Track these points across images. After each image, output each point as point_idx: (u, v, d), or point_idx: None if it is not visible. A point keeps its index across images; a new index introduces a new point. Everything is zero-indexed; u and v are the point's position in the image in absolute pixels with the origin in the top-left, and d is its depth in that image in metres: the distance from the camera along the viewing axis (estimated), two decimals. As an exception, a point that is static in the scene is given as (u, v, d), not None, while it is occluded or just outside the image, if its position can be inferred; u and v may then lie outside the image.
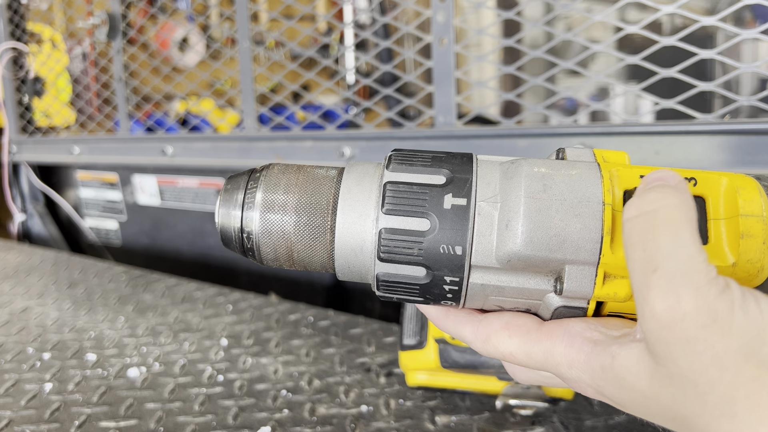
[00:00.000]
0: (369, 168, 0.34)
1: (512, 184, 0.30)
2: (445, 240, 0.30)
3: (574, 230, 0.28)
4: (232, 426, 0.55)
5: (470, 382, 0.56)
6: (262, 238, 0.34)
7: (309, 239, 0.33)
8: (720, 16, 0.64)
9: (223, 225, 0.35)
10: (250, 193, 0.34)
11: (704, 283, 0.25)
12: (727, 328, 0.24)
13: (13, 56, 1.42)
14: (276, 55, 1.10)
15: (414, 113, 1.61)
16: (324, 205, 0.33)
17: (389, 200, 0.31)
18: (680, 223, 0.26)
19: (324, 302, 1.11)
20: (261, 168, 0.35)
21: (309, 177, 0.34)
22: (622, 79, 1.55)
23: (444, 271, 0.30)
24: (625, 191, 0.29)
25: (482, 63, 0.85)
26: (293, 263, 0.35)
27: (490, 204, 0.30)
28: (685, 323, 0.24)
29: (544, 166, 0.30)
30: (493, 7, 0.92)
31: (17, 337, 0.78)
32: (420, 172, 0.31)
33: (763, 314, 0.24)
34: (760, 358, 0.23)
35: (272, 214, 0.33)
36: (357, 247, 0.32)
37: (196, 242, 1.26)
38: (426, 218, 0.30)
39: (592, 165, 0.30)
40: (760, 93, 0.63)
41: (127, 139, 1.24)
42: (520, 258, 0.29)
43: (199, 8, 1.92)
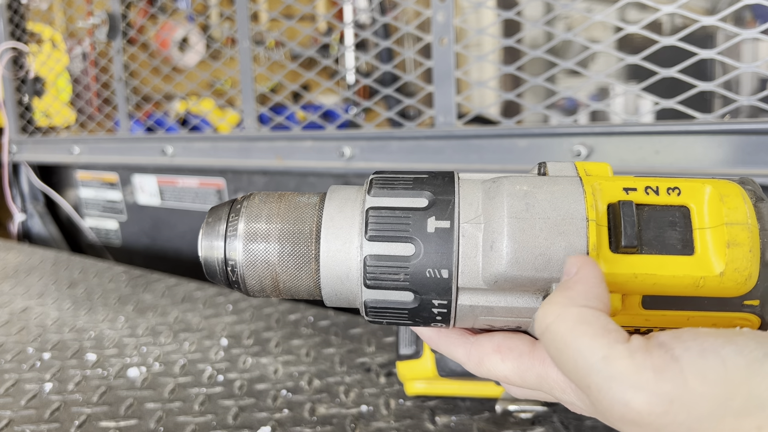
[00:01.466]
0: (350, 193, 0.33)
1: (495, 204, 0.30)
2: (431, 264, 0.30)
3: (559, 248, 0.28)
4: (232, 426, 0.55)
5: (468, 388, 0.56)
6: (246, 270, 0.33)
7: (294, 269, 0.33)
8: (720, 16, 0.64)
9: (207, 257, 0.34)
10: (232, 223, 0.34)
11: (637, 375, 0.24)
12: (687, 403, 0.23)
13: (13, 56, 1.42)
14: (276, 55, 1.10)
15: (414, 113, 1.61)
16: (307, 234, 0.33)
17: (372, 226, 0.30)
18: (576, 333, 0.25)
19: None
20: (242, 198, 0.35)
21: (290, 205, 0.34)
22: (622, 79, 1.55)
23: (431, 294, 0.30)
24: (609, 205, 0.29)
25: (482, 63, 0.85)
26: (279, 293, 0.34)
27: (474, 225, 0.30)
28: (645, 420, 0.24)
29: (526, 183, 0.30)
30: (493, 7, 0.92)
31: (17, 337, 0.78)
32: (402, 196, 0.31)
33: (723, 367, 0.23)
34: (734, 412, 0.23)
35: (255, 243, 0.33)
36: (343, 275, 0.32)
37: (196, 242, 1.26)
38: (410, 243, 0.30)
39: (574, 180, 0.30)
40: (760, 93, 0.63)
41: (127, 139, 1.24)
42: (506, 279, 0.29)
43: (199, 8, 1.92)
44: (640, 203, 0.29)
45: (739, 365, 0.23)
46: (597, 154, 0.72)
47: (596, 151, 0.72)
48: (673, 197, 0.29)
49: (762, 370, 0.23)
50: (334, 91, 1.10)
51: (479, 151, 0.81)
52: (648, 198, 0.29)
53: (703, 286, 0.28)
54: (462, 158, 0.82)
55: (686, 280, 0.28)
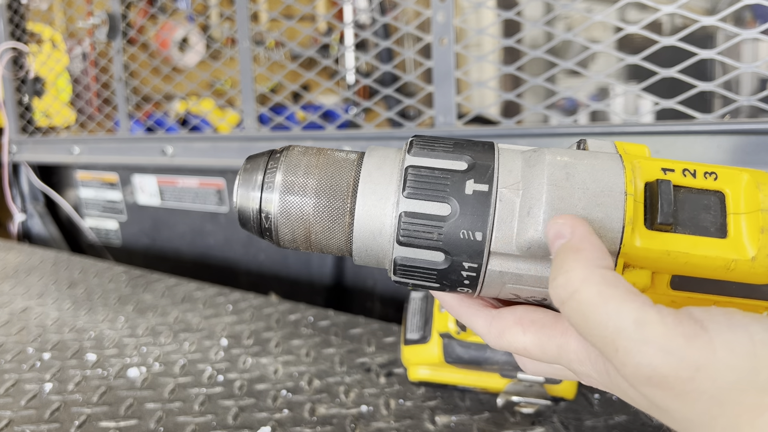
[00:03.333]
0: (389, 153, 0.34)
1: (535, 171, 0.30)
2: (466, 225, 0.30)
3: (595, 219, 0.28)
4: (232, 426, 0.55)
5: (473, 378, 0.56)
6: (280, 220, 0.33)
7: (328, 222, 0.33)
8: (720, 16, 0.64)
9: (242, 205, 0.34)
10: (270, 173, 0.34)
11: (667, 340, 0.24)
12: (713, 372, 0.23)
13: (13, 56, 1.42)
14: (276, 55, 1.10)
15: (414, 113, 1.61)
16: (344, 188, 0.33)
17: (410, 184, 0.30)
18: (605, 296, 0.25)
19: (324, 302, 1.11)
20: (281, 149, 0.35)
21: (329, 160, 0.34)
22: (622, 79, 1.55)
23: (463, 256, 0.30)
24: (646, 183, 0.29)
25: (482, 63, 0.85)
26: (310, 245, 0.34)
27: (512, 191, 0.30)
28: (670, 384, 0.24)
29: (567, 155, 0.30)
30: (493, 7, 0.92)
31: (17, 337, 0.78)
32: (442, 158, 0.31)
33: (750, 341, 0.24)
34: (758, 386, 0.23)
35: (292, 196, 0.33)
36: (376, 231, 0.32)
37: (196, 242, 1.26)
38: (447, 203, 0.30)
39: (614, 156, 0.30)
40: (760, 93, 0.63)
41: (127, 139, 1.24)
42: (540, 246, 0.29)
43: (199, 8, 1.92)
44: (677, 185, 0.29)
45: (765, 342, 0.24)
46: (597, 154, 0.72)
47: (596, 151, 0.72)
48: (710, 181, 0.29)
49: None
50: (334, 91, 1.10)
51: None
52: (685, 180, 0.29)
53: (734, 269, 0.28)
54: (462, 158, 0.82)
55: (717, 262, 0.28)
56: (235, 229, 1.19)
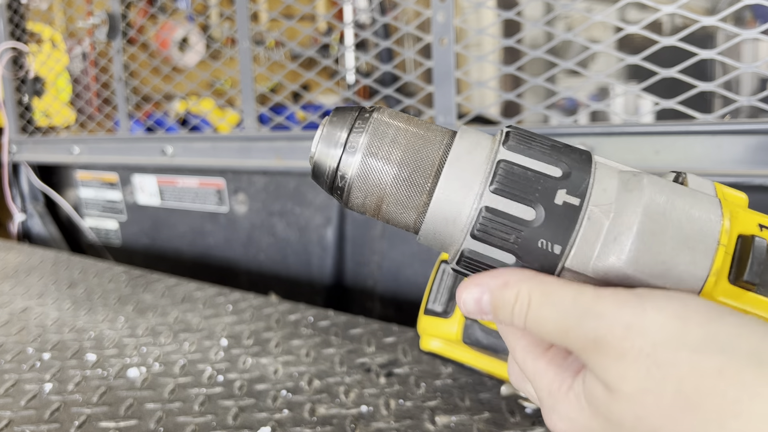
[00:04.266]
0: (482, 139, 0.32)
1: (631, 197, 0.28)
2: (547, 236, 0.29)
3: (682, 262, 0.27)
4: (232, 426, 0.55)
5: (483, 362, 0.55)
6: (356, 183, 0.32)
7: (404, 196, 0.32)
8: (720, 16, 0.64)
9: (319, 161, 0.33)
10: (356, 133, 0.32)
11: (601, 306, 0.26)
12: (642, 329, 0.25)
13: (13, 56, 1.42)
14: (276, 55, 1.10)
15: (414, 113, 1.61)
16: (428, 166, 0.31)
17: (500, 179, 0.29)
18: (546, 292, 0.28)
19: (324, 302, 1.11)
20: (371, 108, 0.33)
21: (419, 130, 0.33)
22: (622, 79, 1.55)
23: (534, 264, 0.29)
24: (740, 235, 0.28)
25: (482, 63, 0.85)
26: (378, 214, 0.33)
27: (603, 211, 0.28)
28: (610, 344, 0.26)
29: (668, 188, 0.29)
30: (493, 7, 0.92)
31: (17, 337, 0.78)
32: (537, 159, 0.30)
33: (682, 306, 0.25)
34: (690, 346, 0.24)
35: (374, 160, 0.32)
36: (450, 218, 0.30)
37: (196, 242, 1.26)
38: (533, 207, 0.29)
39: (714, 200, 0.29)
40: (760, 93, 0.63)
41: (127, 139, 1.24)
42: (618, 275, 0.28)
43: (199, 8, 1.92)
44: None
45: (699, 309, 0.25)
46: (597, 154, 0.72)
47: (596, 151, 0.72)
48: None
49: (724, 319, 0.24)
50: (334, 91, 1.10)
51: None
52: None
53: None
54: (462, 158, 0.82)
55: None
56: (235, 229, 1.19)
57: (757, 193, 0.68)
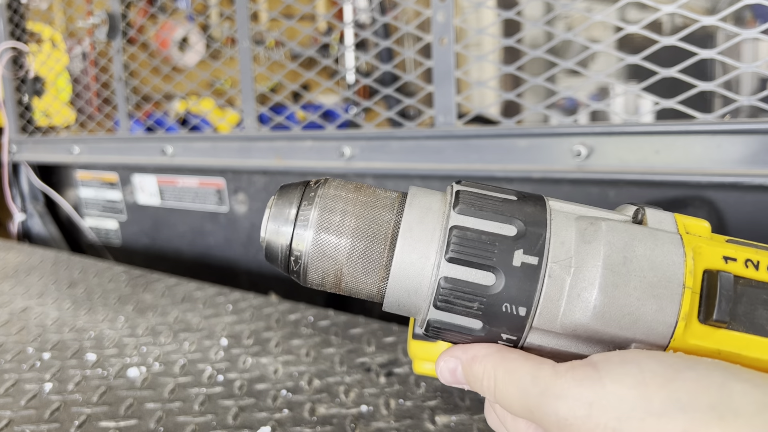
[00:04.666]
0: (432, 203, 0.31)
1: (590, 249, 0.28)
2: (510, 299, 0.28)
3: (649, 311, 0.27)
4: (232, 426, 0.55)
5: None
6: (311, 261, 0.31)
7: (362, 271, 0.31)
8: (720, 16, 0.64)
9: (271, 241, 0.32)
10: (305, 210, 0.32)
11: (559, 386, 0.26)
12: (605, 404, 0.25)
13: (13, 56, 1.42)
14: (276, 54, 1.10)
15: (414, 113, 1.61)
16: (382, 237, 0.31)
17: (454, 248, 0.29)
18: (507, 369, 0.28)
19: (324, 302, 1.11)
20: (315, 183, 0.33)
21: (368, 202, 0.32)
22: (622, 79, 1.55)
23: (502, 328, 0.29)
24: (706, 271, 0.28)
25: (482, 63, 0.85)
26: (339, 289, 0.33)
27: (563, 267, 0.28)
28: (574, 425, 0.26)
29: (626, 233, 0.28)
30: (493, 7, 0.92)
31: (17, 337, 0.78)
32: (490, 219, 0.29)
33: (640, 373, 0.25)
34: (654, 412, 0.24)
35: (327, 236, 0.31)
36: (412, 289, 0.30)
37: (196, 242, 1.26)
38: (492, 272, 0.28)
39: (675, 238, 0.28)
40: (760, 93, 0.63)
41: (127, 139, 1.24)
42: (586, 330, 0.28)
43: (199, 8, 1.91)
44: (737, 275, 0.28)
45: (656, 371, 0.25)
46: (597, 154, 0.72)
47: (596, 151, 0.72)
48: (761, 271, 0.28)
49: (680, 376, 0.24)
50: (334, 91, 1.10)
51: (479, 151, 0.80)
52: (746, 272, 0.28)
53: None
54: (462, 158, 0.82)
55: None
56: (235, 228, 1.19)
57: (757, 193, 0.67)
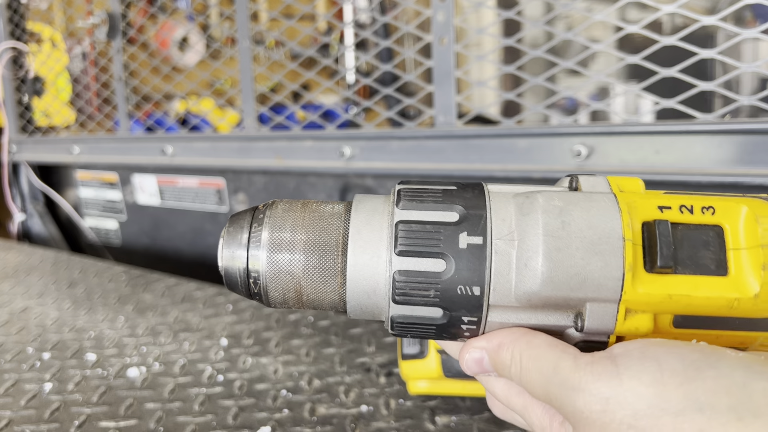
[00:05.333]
0: (377, 204, 0.33)
1: (529, 220, 0.29)
2: (462, 281, 0.29)
3: (595, 268, 0.28)
4: (232, 426, 0.55)
5: (473, 388, 0.55)
6: (269, 281, 0.32)
7: (319, 281, 0.32)
8: (720, 16, 0.64)
9: (228, 267, 0.33)
10: (255, 233, 0.33)
11: (578, 378, 0.26)
12: (621, 400, 0.25)
13: (12, 56, 1.42)
14: (276, 54, 1.10)
15: (414, 113, 1.61)
16: (333, 245, 0.32)
17: (402, 241, 0.30)
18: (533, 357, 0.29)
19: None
20: (263, 206, 0.34)
21: (315, 215, 0.33)
22: (622, 79, 1.55)
23: (461, 311, 0.30)
24: (644, 223, 0.29)
25: (482, 63, 0.85)
26: (302, 304, 0.33)
27: (507, 242, 0.29)
28: (590, 418, 0.26)
29: (561, 199, 0.29)
30: (493, 7, 0.92)
31: (17, 337, 0.78)
32: (432, 209, 0.30)
33: (658, 370, 0.25)
34: (671, 411, 0.24)
35: (280, 254, 0.32)
36: (370, 290, 0.31)
37: (196, 242, 1.26)
38: (441, 259, 0.29)
39: (609, 197, 0.29)
40: (760, 93, 0.63)
41: (126, 139, 1.24)
42: (540, 298, 0.29)
43: (199, 8, 1.91)
44: (675, 222, 0.29)
45: (675, 369, 0.24)
46: (597, 154, 0.72)
47: (596, 151, 0.72)
48: (708, 216, 0.29)
49: (700, 375, 0.24)
50: (334, 90, 1.10)
51: (479, 151, 0.80)
52: (682, 217, 0.29)
53: (737, 307, 0.28)
54: (462, 158, 0.82)
55: (720, 301, 0.28)
56: (235, 228, 1.19)
57: (757, 193, 0.67)
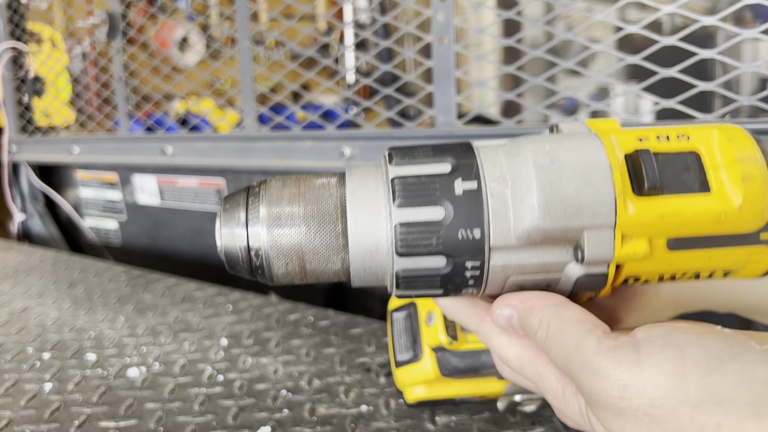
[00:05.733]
0: (369, 168, 0.33)
1: (519, 161, 0.30)
2: (463, 224, 0.30)
3: (588, 197, 0.29)
4: (232, 426, 0.55)
5: (471, 386, 0.55)
6: (272, 254, 0.32)
7: (322, 248, 0.32)
8: (720, 16, 0.64)
9: (227, 246, 0.33)
10: (253, 209, 0.33)
11: (598, 362, 0.26)
12: (640, 389, 0.25)
13: (12, 56, 1.42)
14: (276, 54, 1.10)
15: (414, 113, 1.61)
16: (332, 211, 0.32)
17: (400, 194, 0.30)
18: (561, 329, 0.29)
19: (324, 302, 1.11)
20: (257, 183, 0.34)
21: (310, 186, 0.33)
22: (622, 79, 1.55)
23: (465, 257, 0.30)
24: (626, 155, 0.30)
25: (482, 63, 0.85)
26: (306, 276, 0.34)
27: (501, 183, 0.30)
28: (606, 403, 0.26)
29: (546, 140, 0.31)
30: (493, 7, 0.92)
31: (17, 337, 0.78)
32: (424, 163, 0.31)
33: (681, 360, 0.25)
34: (690, 402, 0.24)
35: (280, 227, 0.32)
36: (372, 248, 0.32)
37: (196, 242, 1.26)
38: (440, 206, 0.30)
39: (590, 134, 0.31)
40: (760, 93, 0.63)
41: (126, 139, 1.24)
42: (539, 231, 0.29)
43: (199, 8, 1.91)
44: (654, 151, 0.30)
45: (698, 360, 0.24)
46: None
47: (596, 151, 0.72)
48: (684, 143, 0.31)
49: (722, 368, 0.24)
50: (334, 91, 1.10)
51: (479, 151, 0.80)
52: (660, 145, 0.30)
53: (724, 221, 0.29)
54: (462, 158, 0.82)
55: (708, 216, 0.29)
56: (235, 228, 1.19)
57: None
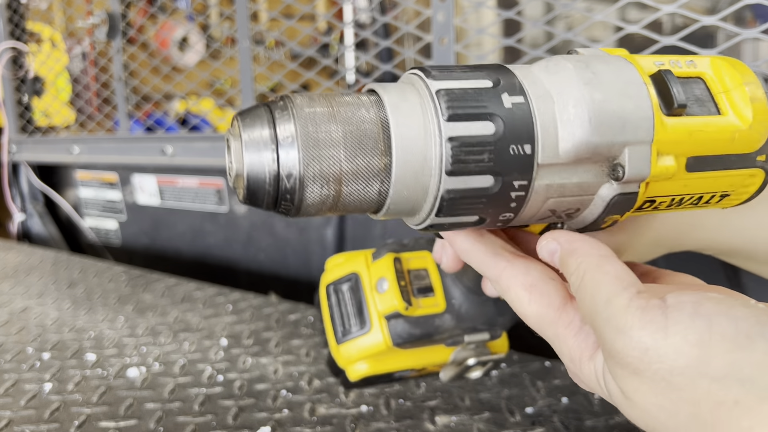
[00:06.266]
0: (402, 86, 0.30)
1: (561, 77, 0.29)
2: (514, 140, 0.28)
3: (630, 111, 0.29)
4: (232, 426, 0.55)
5: (417, 357, 0.49)
6: (307, 178, 0.28)
7: (363, 166, 0.28)
8: (720, 16, 0.64)
9: (252, 170, 0.28)
10: (283, 127, 0.28)
11: (624, 320, 0.25)
12: (662, 353, 0.24)
13: (12, 56, 1.42)
14: (276, 54, 1.10)
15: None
16: (372, 128, 0.29)
17: (448, 105, 0.28)
18: (597, 281, 0.28)
19: (324, 302, 1.10)
20: (277, 99, 0.30)
21: (340, 102, 0.29)
22: (622, 79, 1.55)
23: (513, 174, 0.29)
24: (650, 75, 0.30)
25: (482, 63, 0.85)
26: (337, 205, 0.30)
27: (544, 100, 0.29)
28: (624, 360, 0.25)
29: (579, 59, 0.30)
30: (493, 7, 0.92)
31: (17, 337, 0.78)
32: (464, 78, 0.29)
33: (708, 331, 0.24)
34: (711, 375, 0.23)
35: (317, 148, 0.28)
36: (418, 167, 0.29)
37: (196, 242, 1.26)
38: (490, 120, 0.28)
39: (615, 55, 0.31)
40: (761, 93, 0.63)
41: (126, 139, 1.24)
42: (588, 146, 0.28)
43: (198, 7, 1.91)
44: None
45: (725, 334, 0.24)
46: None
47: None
48: (692, 69, 0.31)
49: (750, 346, 0.23)
50: (334, 90, 1.10)
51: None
52: (675, 70, 0.31)
53: (737, 139, 0.30)
54: (462, 158, 0.82)
55: (725, 135, 0.30)
56: (235, 229, 1.19)
57: (757, 192, 0.67)
